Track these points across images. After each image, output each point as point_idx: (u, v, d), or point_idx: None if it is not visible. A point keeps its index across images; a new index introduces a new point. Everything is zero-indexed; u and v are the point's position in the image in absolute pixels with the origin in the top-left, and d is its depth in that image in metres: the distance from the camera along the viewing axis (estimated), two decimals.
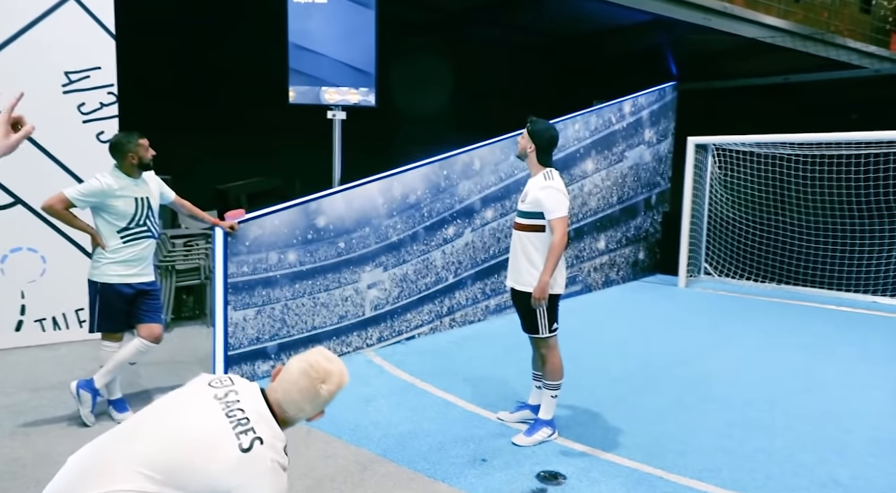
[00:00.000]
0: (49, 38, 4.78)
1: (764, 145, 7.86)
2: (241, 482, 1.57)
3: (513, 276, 3.44)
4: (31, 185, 4.73)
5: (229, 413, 1.63)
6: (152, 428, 1.63)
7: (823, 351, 5.29)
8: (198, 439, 1.60)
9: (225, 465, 1.57)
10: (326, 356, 1.83)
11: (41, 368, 4.37)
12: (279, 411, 1.74)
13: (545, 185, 3.29)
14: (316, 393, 1.76)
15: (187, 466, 1.56)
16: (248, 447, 1.59)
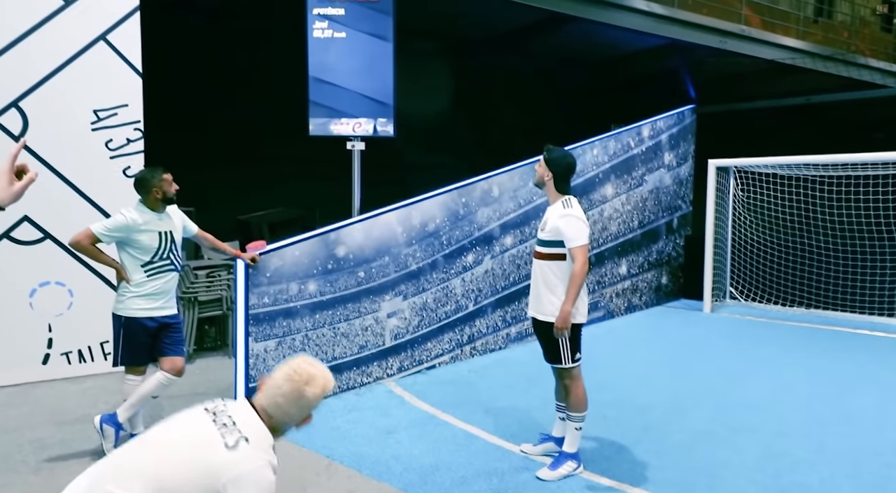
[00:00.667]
0: (79, 78, 4.94)
1: (787, 167, 7.75)
2: (230, 479, 1.62)
3: (534, 305, 3.40)
4: (60, 220, 4.84)
5: (216, 420, 1.71)
6: (150, 443, 1.73)
7: (859, 379, 5.11)
8: (186, 446, 1.68)
9: (212, 464, 1.63)
10: (309, 362, 1.86)
11: (67, 401, 4.41)
12: (266, 417, 1.79)
13: (564, 213, 3.27)
14: (300, 396, 1.79)
15: (179, 474, 1.62)
16: (233, 444, 1.65)
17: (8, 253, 4.72)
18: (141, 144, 5.19)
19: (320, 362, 1.88)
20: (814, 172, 7.64)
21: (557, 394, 3.58)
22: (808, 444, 3.79)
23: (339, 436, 3.86)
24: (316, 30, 5.41)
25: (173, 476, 1.62)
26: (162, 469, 1.63)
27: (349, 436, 3.87)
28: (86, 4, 4.94)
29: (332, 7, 5.36)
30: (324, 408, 4.37)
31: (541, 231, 3.39)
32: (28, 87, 4.79)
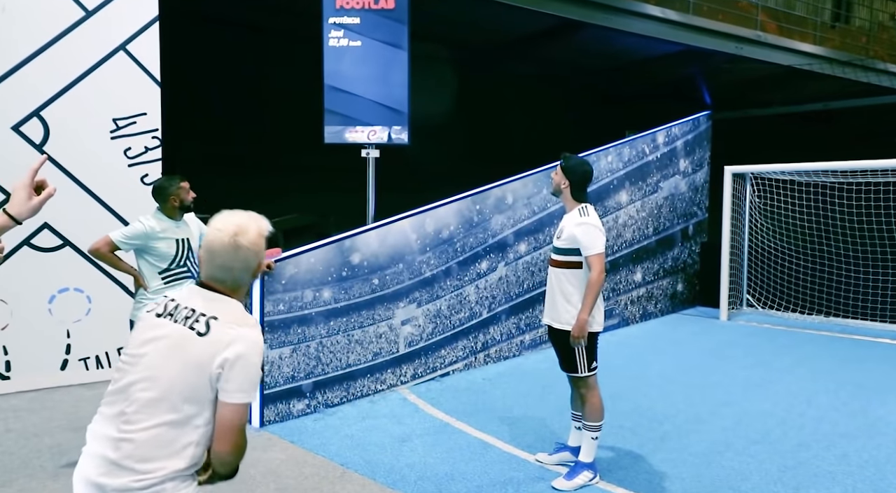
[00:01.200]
0: (99, 87, 5.02)
1: (804, 173, 7.66)
2: (218, 363, 1.54)
3: (549, 313, 3.38)
4: (79, 227, 4.90)
5: (176, 319, 1.60)
6: (133, 373, 1.60)
7: (882, 389, 5.01)
8: (165, 359, 1.57)
9: (196, 358, 1.55)
10: (228, 213, 1.71)
11: (84, 407, 4.44)
12: (217, 285, 1.66)
13: (581, 221, 3.25)
14: (235, 247, 1.63)
15: (179, 386, 1.54)
16: (205, 330, 1.57)
17: (28, 260, 4.79)
18: (159, 153, 5.25)
19: (240, 210, 1.73)
20: (832, 179, 7.54)
21: (573, 403, 3.54)
22: (831, 456, 3.72)
23: (354, 444, 3.85)
24: (331, 39, 5.45)
25: (174, 391, 1.54)
26: (160, 389, 1.55)
27: (363, 444, 3.86)
28: (106, 15, 5.02)
29: (347, 16, 5.40)
30: (338, 415, 4.37)
31: (556, 239, 3.37)
32: (49, 96, 4.87)
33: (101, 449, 1.58)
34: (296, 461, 3.62)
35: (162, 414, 1.54)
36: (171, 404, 1.54)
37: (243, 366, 1.55)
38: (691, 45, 8.30)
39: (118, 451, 1.55)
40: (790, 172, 7.75)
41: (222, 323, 1.58)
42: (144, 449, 1.53)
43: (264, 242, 1.70)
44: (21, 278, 4.74)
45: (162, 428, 1.53)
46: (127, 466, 1.53)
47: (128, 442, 1.54)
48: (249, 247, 1.64)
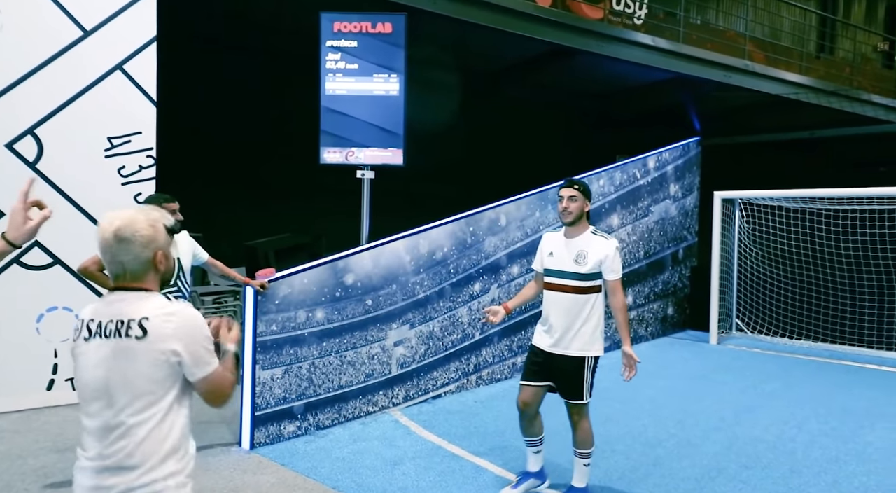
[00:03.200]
0: (95, 106, 5.03)
1: (792, 200, 7.79)
2: (172, 351, 1.61)
3: (561, 342, 3.22)
4: (70, 245, 4.87)
5: (108, 334, 1.63)
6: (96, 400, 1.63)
7: (870, 415, 5.04)
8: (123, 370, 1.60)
9: (147, 359, 1.60)
10: (115, 211, 1.73)
11: (69, 428, 4.36)
12: (122, 283, 1.69)
13: (609, 244, 3.21)
14: (118, 240, 1.65)
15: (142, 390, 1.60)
16: (141, 333, 1.61)
17: (17, 278, 4.74)
18: (153, 171, 5.25)
19: (130, 209, 1.75)
20: (819, 206, 7.67)
21: (528, 430, 3.43)
22: (822, 482, 3.72)
23: (345, 467, 3.81)
24: (329, 61, 5.52)
25: (142, 395, 1.60)
26: (128, 398, 1.60)
27: (355, 467, 3.82)
28: (105, 34, 5.06)
29: (345, 40, 5.48)
30: (329, 438, 4.32)
31: (577, 264, 3.19)
32: (45, 114, 4.87)
33: (94, 462, 1.61)
34: (286, 484, 3.57)
35: (141, 423, 1.60)
36: (141, 408, 1.60)
37: (193, 347, 1.64)
38: (681, 73, 8.47)
39: (111, 459, 1.59)
40: (778, 199, 7.88)
41: (154, 321, 1.62)
42: (139, 453, 1.60)
43: (159, 233, 1.72)
44: (9, 297, 4.69)
45: (151, 437, 1.61)
46: (126, 466, 1.59)
47: (130, 460, 1.59)
48: (132, 238, 1.65)
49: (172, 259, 1.79)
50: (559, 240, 3.30)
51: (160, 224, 1.73)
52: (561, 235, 3.32)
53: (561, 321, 3.22)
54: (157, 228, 1.71)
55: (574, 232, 3.26)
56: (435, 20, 6.47)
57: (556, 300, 3.24)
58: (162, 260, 1.72)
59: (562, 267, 3.23)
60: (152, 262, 1.70)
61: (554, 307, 3.25)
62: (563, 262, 3.23)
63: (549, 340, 3.26)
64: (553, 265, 3.27)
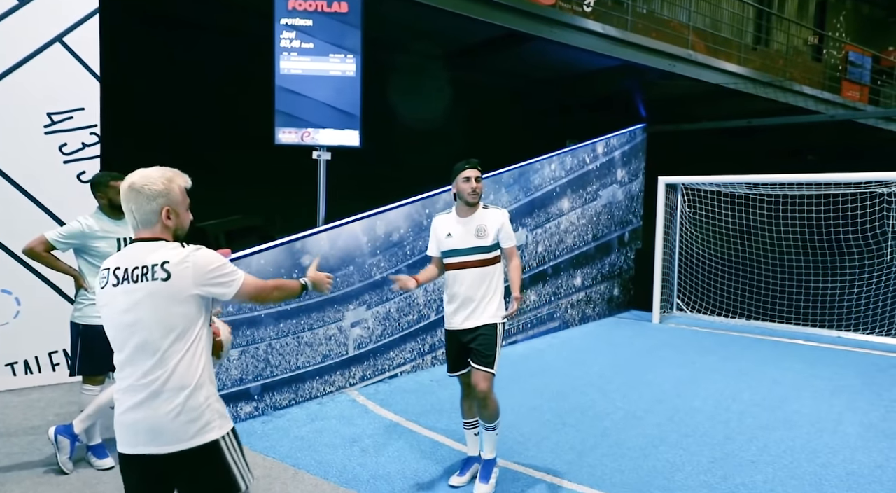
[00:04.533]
0: (33, 80, 4.79)
1: (730, 185, 8.20)
2: (198, 285, 1.86)
3: (475, 315, 3.25)
4: (8, 225, 4.66)
5: (136, 279, 1.85)
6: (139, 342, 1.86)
7: (796, 386, 5.44)
8: (153, 309, 1.84)
9: (174, 296, 1.84)
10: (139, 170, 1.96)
11: (12, 414, 4.22)
12: (139, 234, 1.92)
13: (502, 213, 3.35)
14: (131, 191, 1.89)
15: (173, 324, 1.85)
16: (165, 275, 1.84)
17: None
18: (97, 149, 5.06)
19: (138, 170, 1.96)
20: (754, 191, 8.11)
21: (466, 411, 3.42)
22: (753, 447, 4.02)
23: (305, 445, 3.85)
24: (283, 40, 5.41)
25: (174, 329, 1.85)
26: (161, 333, 1.84)
27: (314, 445, 3.86)
28: (42, 4, 4.81)
29: (299, 18, 5.39)
30: (287, 417, 4.34)
31: (480, 238, 3.27)
32: None
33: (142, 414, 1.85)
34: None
35: (175, 350, 1.85)
36: (173, 339, 1.85)
37: (215, 275, 1.89)
38: (628, 61, 8.72)
39: (162, 395, 1.85)
40: (717, 184, 8.28)
41: (175, 263, 1.84)
42: (176, 380, 1.85)
43: (175, 189, 1.94)
44: None
45: (185, 361, 1.86)
46: (169, 389, 1.85)
47: (169, 383, 1.85)
48: (142, 189, 1.89)
49: (185, 219, 1.99)
50: (453, 220, 3.33)
51: (175, 184, 1.94)
52: (453, 216, 3.35)
53: (471, 295, 3.25)
54: (169, 186, 1.93)
55: (471, 211, 3.32)
56: (390, 1, 6.43)
57: (464, 277, 3.27)
58: (170, 215, 1.92)
59: (465, 245, 3.28)
60: (167, 211, 1.91)
61: (462, 285, 3.27)
62: (464, 239, 3.28)
63: (461, 317, 3.27)
64: (454, 245, 3.29)
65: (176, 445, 1.86)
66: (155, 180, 1.91)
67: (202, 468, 1.91)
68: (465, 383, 3.37)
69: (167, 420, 1.84)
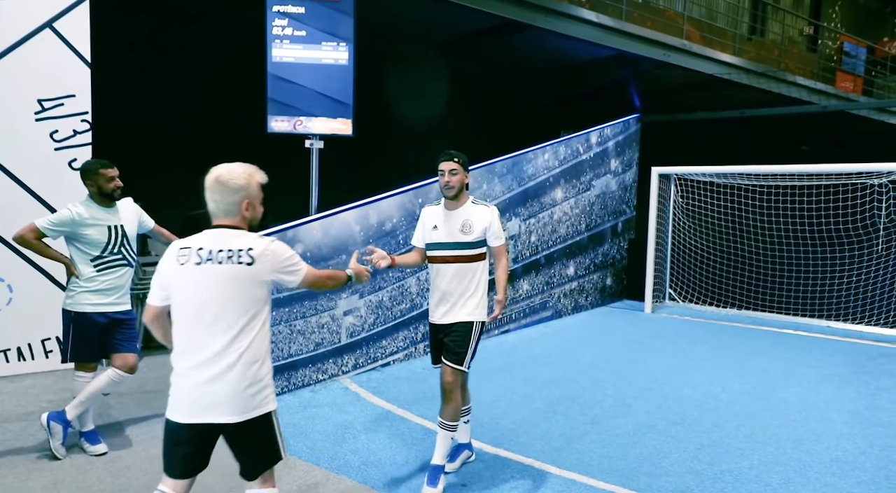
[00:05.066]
0: (23, 66, 4.76)
1: (722, 176, 8.23)
2: (273, 272, 2.14)
3: (455, 311, 3.18)
4: (0, 212, 4.64)
5: (221, 261, 2.08)
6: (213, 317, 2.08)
7: (784, 374, 5.51)
8: (234, 288, 2.08)
9: (253, 279, 2.09)
10: (213, 169, 2.18)
11: (5, 400, 4.23)
12: (220, 221, 2.15)
13: (490, 210, 3.26)
14: (215, 186, 2.13)
15: (250, 305, 2.09)
16: (251, 261, 2.08)
17: None
18: (88, 137, 5.03)
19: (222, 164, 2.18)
20: (746, 182, 8.15)
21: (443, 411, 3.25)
22: (740, 434, 4.08)
23: (297, 432, 3.88)
24: (275, 27, 5.39)
25: (249, 310, 2.08)
26: (237, 313, 2.07)
27: (306, 432, 3.90)
28: None
29: (292, 5, 5.35)
30: (280, 405, 4.36)
31: (463, 233, 3.19)
32: None
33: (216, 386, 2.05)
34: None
35: (251, 327, 2.08)
36: (250, 317, 2.08)
37: (284, 271, 2.18)
38: (623, 51, 8.70)
39: (235, 368, 2.05)
40: (710, 174, 8.31)
41: (257, 252, 2.09)
42: (249, 355, 2.07)
43: (254, 184, 2.18)
44: None
45: (258, 337, 2.09)
46: (242, 362, 2.06)
47: (243, 357, 2.06)
48: (227, 183, 2.12)
49: (259, 211, 2.22)
50: (440, 213, 3.26)
51: (254, 178, 2.18)
52: (441, 209, 3.28)
53: (451, 291, 3.19)
54: (249, 180, 2.16)
55: (456, 204, 3.24)
56: None
57: (445, 272, 3.20)
58: (248, 208, 2.16)
59: (448, 239, 3.20)
60: (246, 204, 2.15)
61: (443, 279, 3.20)
62: (448, 233, 3.20)
63: (441, 311, 3.21)
64: (438, 238, 3.22)
65: (243, 414, 2.08)
66: (238, 175, 2.14)
67: (257, 436, 2.13)
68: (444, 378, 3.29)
69: (238, 391, 2.06)
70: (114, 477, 3.21)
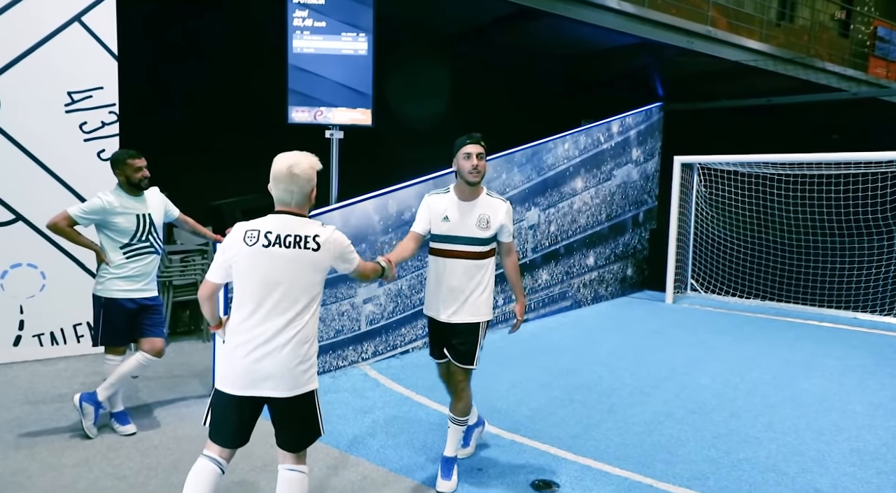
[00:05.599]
0: (53, 59, 4.90)
1: (747, 165, 8.10)
2: (334, 258, 2.31)
3: (464, 310, 3.01)
4: (33, 201, 4.81)
5: (287, 245, 2.22)
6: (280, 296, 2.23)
7: (806, 366, 5.45)
8: (299, 278, 2.23)
9: (316, 265, 2.25)
10: (280, 156, 2.32)
11: (40, 382, 4.41)
12: (286, 208, 2.27)
13: (506, 205, 3.05)
14: (291, 177, 2.25)
15: (310, 287, 2.26)
16: (315, 245, 2.24)
17: None
18: (116, 128, 5.17)
19: (289, 152, 2.33)
20: (772, 171, 8.01)
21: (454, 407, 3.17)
22: (758, 424, 4.06)
23: None
24: (296, 18, 5.45)
25: (309, 291, 2.24)
26: (299, 292, 2.22)
27: (327, 416, 3.94)
28: None
29: None
30: None
31: (481, 229, 2.98)
32: (0, 66, 4.73)
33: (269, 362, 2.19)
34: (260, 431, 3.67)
35: (308, 309, 2.24)
36: (309, 299, 2.24)
37: (342, 258, 2.36)
38: (645, 38, 8.58)
39: (288, 345, 2.20)
40: (734, 163, 8.19)
41: (322, 239, 2.25)
42: (303, 335, 2.23)
43: (315, 174, 2.32)
44: None
45: (312, 318, 2.26)
46: (299, 341, 2.22)
47: (298, 336, 2.21)
48: (301, 175, 2.26)
49: (314, 198, 2.35)
50: (453, 203, 3.01)
51: (316, 169, 2.33)
52: (452, 198, 3.02)
53: (460, 288, 2.99)
54: (313, 171, 2.31)
55: (473, 194, 3.00)
56: None
57: (454, 267, 2.99)
58: (313, 196, 2.33)
59: (462, 233, 2.97)
60: (310, 195, 2.31)
61: (451, 275, 2.99)
62: (463, 227, 2.97)
63: (448, 310, 3.01)
64: (450, 231, 2.98)
65: (293, 390, 2.22)
66: (308, 167, 2.28)
67: (303, 411, 2.27)
68: (444, 376, 3.23)
69: (289, 369, 2.20)
70: (142, 456, 3.33)
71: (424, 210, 3.09)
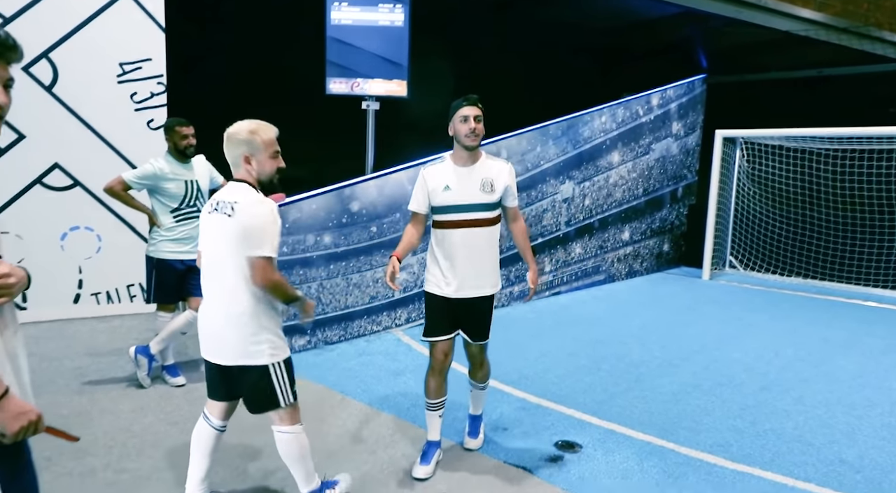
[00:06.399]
0: (105, 31, 5.12)
1: (794, 139, 7.86)
2: (243, 228, 2.14)
3: (478, 282, 2.84)
4: (89, 168, 5.09)
5: (218, 209, 2.23)
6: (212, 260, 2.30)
7: (846, 344, 5.35)
8: (221, 238, 2.21)
9: (232, 232, 2.16)
10: None
11: (98, 337, 4.73)
12: (241, 177, 2.26)
13: (508, 166, 2.89)
14: (227, 140, 2.25)
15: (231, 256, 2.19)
16: (231, 211, 2.18)
17: (41, 198, 4.99)
18: (164, 98, 5.39)
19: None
20: (820, 145, 7.75)
21: (438, 390, 3.00)
22: (788, 398, 4.06)
23: (352, 376, 4.17)
24: None
25: (232, 260, 2.19)
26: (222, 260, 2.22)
27: (360, 376, 4.18)
28: None
29: None
30: (337, 352, 4.68)
31: (486, 193, 2.80)
32: (57, 38, 4.97)
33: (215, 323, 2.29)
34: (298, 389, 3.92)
35: (238, 279, 2.19)
36: (235, 268, 2.19)
37: (252, 229, 2.14)
38: (691, 7, 8.33)
39: (220, 314, 2.26)
40: (780, 138, 7.95)
41: (241, 205, 2.17)
42: (240, 307, 2.22)
43: (258, 139, 2.23)
44: (35, 215, 4.96)
45: (245, 290, 2.20)
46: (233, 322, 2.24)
47: (231, 306, 2.23)
48: (229, 137, 2.24)
49: (268, 165, 2.27)
50: (451, 171, 2.82)
51: (259, 133, 2.24)
52: (449, 166, 2.84)
53: (469, 261, 2.80)
54: (253, 135, 2.23)
55: (471, 159, 2.83)
56: None
57: (462, 239, 2.79)
58: (249, 161, 2.23)
59: (467, 200, 2.78)
60: (247, 157, 2.23)
61: (459, 247, 2.79)
62: (467, 194, 2.78)
63: (453, 285, 2.82)
64: (454, 200, 2.78)
65: (236, 360, 2.31)
66: (242, 130, 2.23)
67: (254, 382, 2.34)
68: (442, 353, 2.91)
69: (223, 336, 2.34)
70: (190, 405, 3.58)
71: (420, 185, 2.88)
